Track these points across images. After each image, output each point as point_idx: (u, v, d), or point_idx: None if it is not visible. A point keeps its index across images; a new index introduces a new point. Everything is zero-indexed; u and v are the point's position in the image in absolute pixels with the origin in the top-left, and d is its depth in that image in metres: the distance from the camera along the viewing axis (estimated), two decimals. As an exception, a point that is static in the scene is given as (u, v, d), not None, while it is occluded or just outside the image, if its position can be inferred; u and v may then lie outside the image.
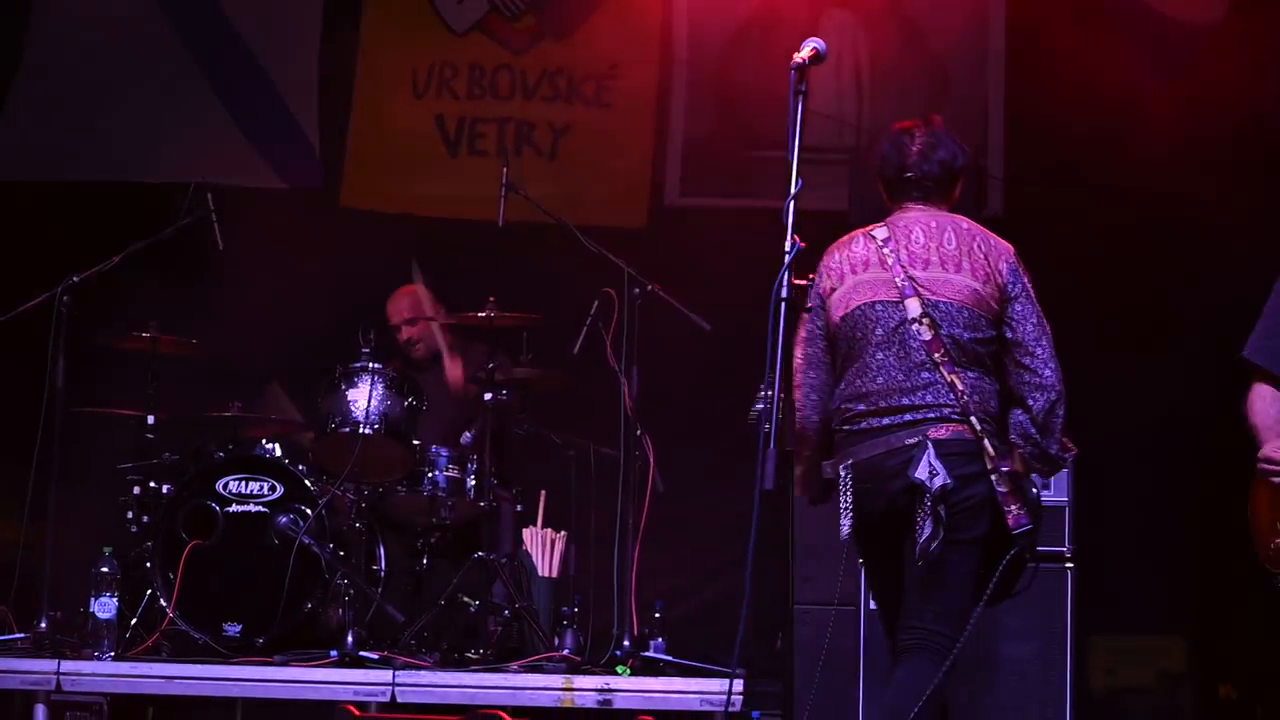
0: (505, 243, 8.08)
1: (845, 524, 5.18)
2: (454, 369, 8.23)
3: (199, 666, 6.83)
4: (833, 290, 5.33)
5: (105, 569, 7.04)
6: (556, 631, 7.44)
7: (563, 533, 7.86)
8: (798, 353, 5.35)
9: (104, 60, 9.41)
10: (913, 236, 5.27)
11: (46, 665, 6.69)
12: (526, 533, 7.83)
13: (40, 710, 6.56)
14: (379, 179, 9.46)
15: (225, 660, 7.01)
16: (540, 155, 9.45)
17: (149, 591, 7.36)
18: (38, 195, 9.22)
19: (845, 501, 5.18)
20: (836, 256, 5.38)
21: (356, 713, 6.60)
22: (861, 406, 5.20)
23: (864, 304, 5.26)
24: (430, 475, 7.73)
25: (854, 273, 5.31)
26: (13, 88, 9.40)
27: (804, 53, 4.93)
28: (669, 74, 9.54)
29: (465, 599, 7.51)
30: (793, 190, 4.81)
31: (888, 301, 5.23)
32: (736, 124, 9.37)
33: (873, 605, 6.11)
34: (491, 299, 7.72)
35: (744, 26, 9.37)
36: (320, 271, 8.59)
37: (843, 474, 5.19)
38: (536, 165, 9.29)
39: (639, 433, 7.48)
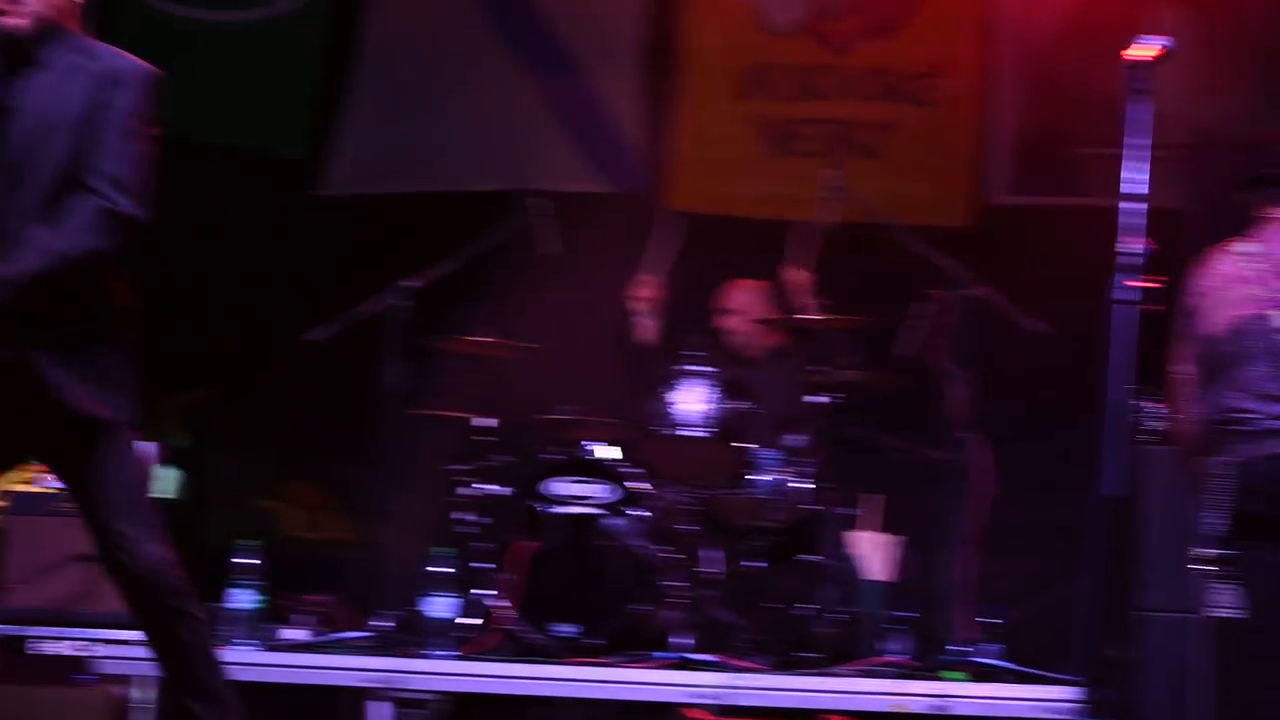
0: (829, 244, 8.01)
1: (1214, 521, 5.05)
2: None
3: (532, 666, 6.88)
4: (1200, 305, 5.24)
5: (441, 568, 7.15)
6: (887, 636, 7.37)
7: (893, 536, 7.78)
8: (1182, 364, 5.27)
9: (432, 72, 9.57)
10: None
11: (384, 663, 6.80)
12: (856, 536, 7.76)
13: (377, 707, 6.66)
14: (702, 182, 9.46)
15: (558, 661, 7.05)
16: (862, 155, 9.37)
17: (482, 591, 7.44)
18: (370, 205, 9.40)
19: (1219, 499, 5.05)
20: (1204, 270, 5.29)
21: (690, 715, 6.59)
22: (1251, 407, 5.08)
23: (1235, 318, 5.15)
24: (758, 478, 7.70)
25: (1221, 287, 5.21)
26: (346, 105, 9.59)
27: (1146, 50, 4.78)
28: (994, 71, 9.39)
29: (795, 602, 7.47)
30: (1134, 189, 4.68)
31: (1257, 315, 5.12)
32: (1064, 121, 9.17)
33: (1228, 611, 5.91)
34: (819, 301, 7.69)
35: (1070, 22, 9.17)
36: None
37: (1223, 471, 5.06)
38: (859, 165, 9.19)
39: (969, 435, 7.37)
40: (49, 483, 7.11)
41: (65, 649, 7.25)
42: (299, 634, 7.45)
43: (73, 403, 4.56)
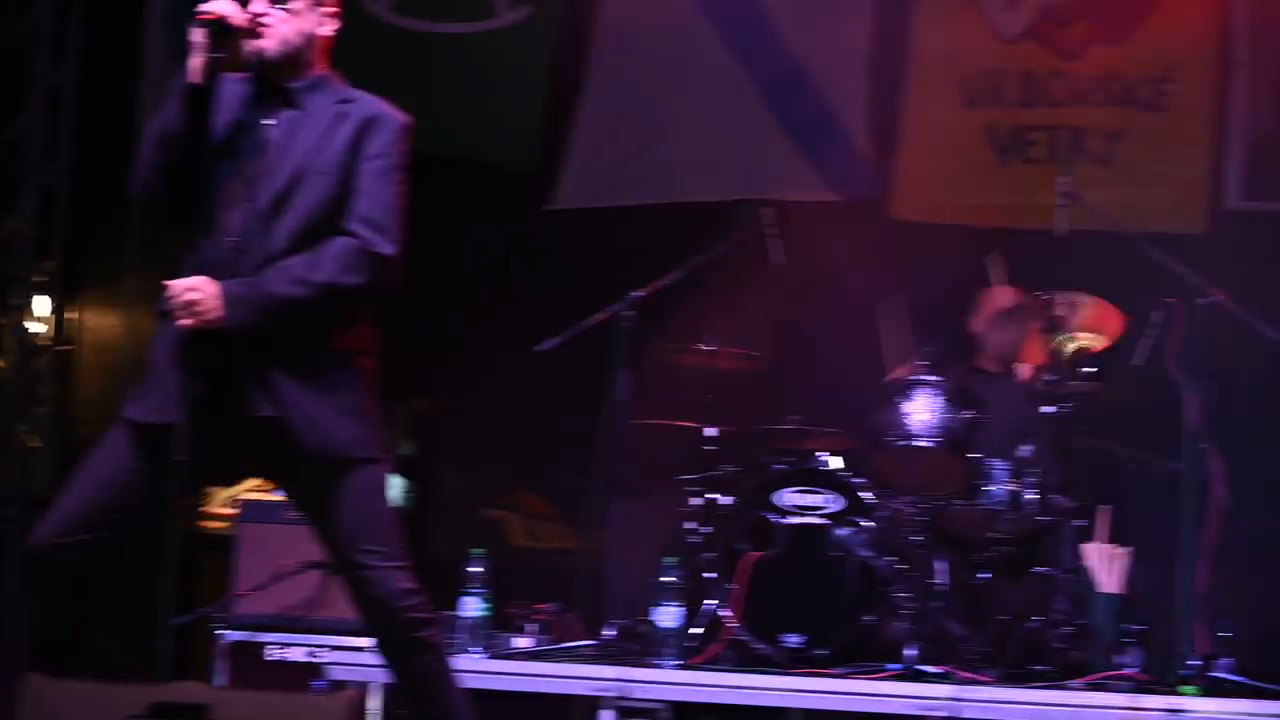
0: (1060, 252, 7.90)
1: None
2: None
3: (760, 676, 6.88)
4: None
5: (669, 578, 7.17)
6: (1119, 649, 7.25)
7: (1124, 548, 7.65)
8: None
9: (660, 84, 9.60)
10: None
11: (612, 672, 6.83)
12: (1087, 548, 7.64)
13: (606, 716, 6.70)
14: (930, 190, 9.38)
15: (785, 671, 7.04)
16: (1094, 162, 9.22)
17: (710, 601, 7.45)
18: (599, 215, 9.47)
19: None
20: None
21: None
22: None
23: None
24: (989, 489, 7.62)
25: None
26: (576, 119, 9.67)
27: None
28: (1229, 75, 9.20)
29: (1025, 614, 7.38)
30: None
31: None
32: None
33: None
34: (1037, 296, 7.61)
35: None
36: (874, 284, 8.58)
37: None
38: (1090, 172, 9.04)
39: (1204, 446, 7.23)
40: (279, 490, 7.26)
41: (298, 655, 7.39)
42: (527, 642, 7.52)
43: (318, 441, 4.62)
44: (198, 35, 4.56)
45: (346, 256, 4.60)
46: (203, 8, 4.58)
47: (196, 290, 4.50)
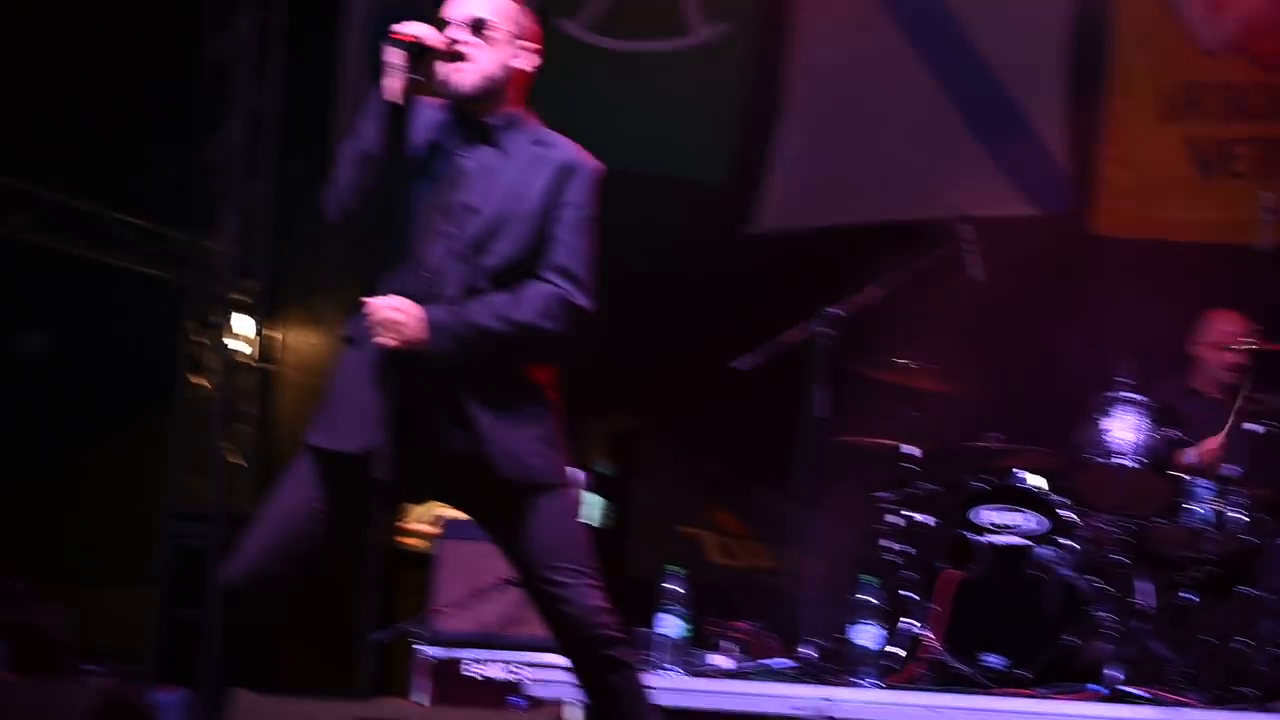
0: (1263, 268, 7.73)
1: None
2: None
3: (961, 696, 6.80)
4: None
5: (868, 597, 7.12)
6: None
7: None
8: None
9: (857, 103, 9.56)
10: None
11: (811, 691, 6.79)
12: (1295, 568, 7.46)
13: (803, 735, 6.66)
14: (1131, 205, 9.23)
15: (986, 692, 6.95)
16: (1298, 176, 9.02)
17: (909, 621, 7.38)
18: (797, 233, 9.45)
19: None
20: None
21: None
22: None
23: None
24: (1193, 508, 7.47)
25: None
26: (773, 140, 9.64)
27: None
28: None
29: (1231, 636, 7.22)
30: None
31: None
32: None
33: None
34: (1258, 327, 7.45)
35: None
36: (1074, 300, 8.46)
37: None
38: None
39: None
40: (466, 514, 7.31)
41: (497, 672, 7.42)
42: (724, 661, 7.50)
43: (512, 469, 4.61)
44: (393, 56, 4.56)
45: (548, 302, 4.58)
46: (398, 28, 4.58)
47: (399, 311, 4.50)
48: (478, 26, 4.68)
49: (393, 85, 4.54)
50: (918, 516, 7.70)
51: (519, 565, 4.76)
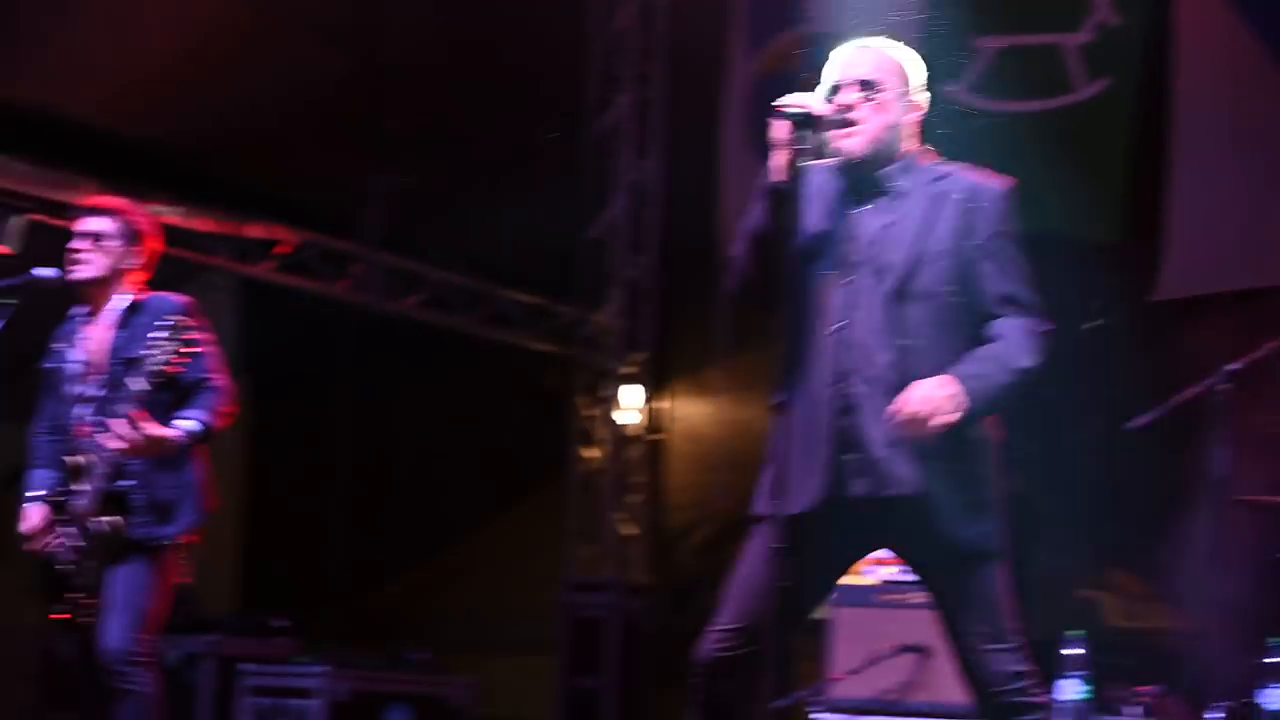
0: None
1: None
2: None
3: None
4: None
5: (1276, 659, 6.87)
6: None
7: None
8: None
9: (1249, 158, 9.27)
10: None
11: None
12: None
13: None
14: None
15: None
16: None
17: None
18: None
19: None
20: None
21: None
22: None
23: None
24: None
25: None
26: (1167, 202, 9.41)
27: None
28: None
29: None
30: None
31: None
32: None
33: None
34: None
35: None
36: None
37: None
38: None
39: None
40: (875, 574, 7.27)
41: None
42: (1129, 726, 7.32)
43: (955, 535, 4.55)
44: (780, 130, 4.54)
45: (1029, 338, 4.53)
46: (784, 101, 4.56)
47: (929, 398, 4.40)
48: (866, 87, 4.65)
49: (778, 163, 4.52)
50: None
51: (945, 623, 4.69)
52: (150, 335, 5.49)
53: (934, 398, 4.36)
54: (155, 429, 5.48)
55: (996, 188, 4.67)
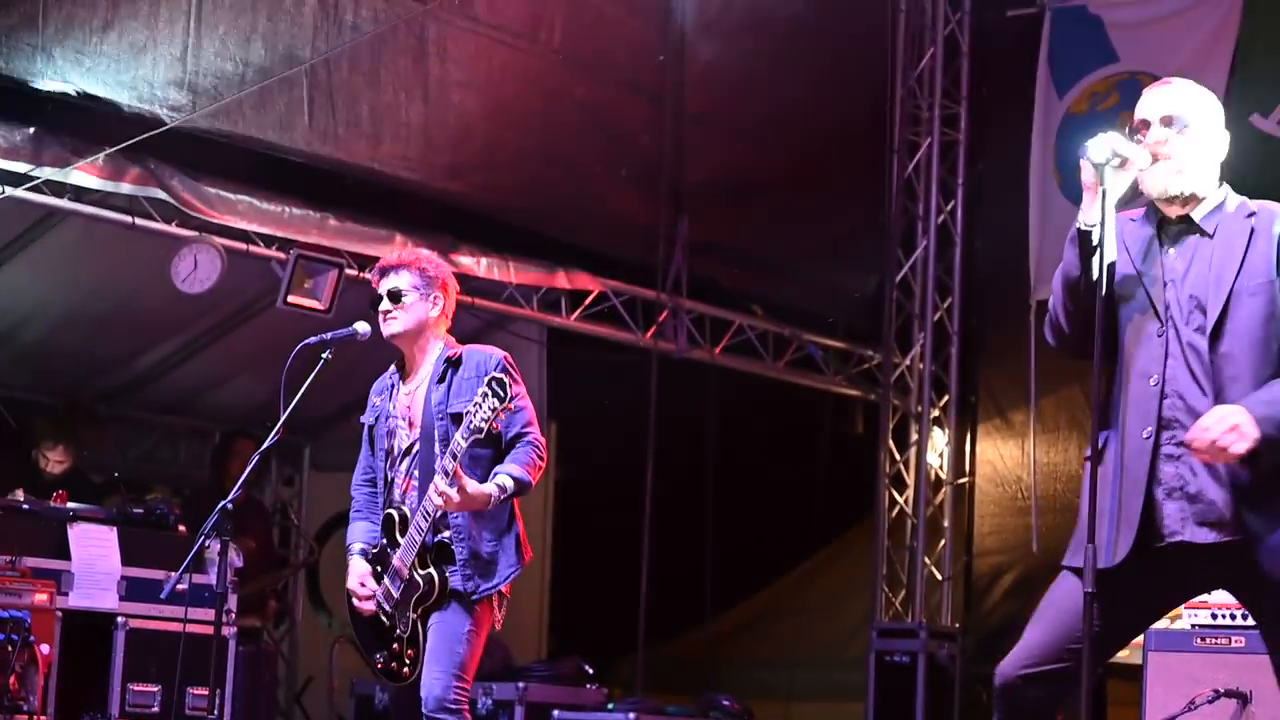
0: None
1: None
2: None
3: None
4: None
5: None
6: None
7: None
8: None
9: None
10: None
11: None
12: None
13: None
14: None
15: None
16: None
17: None
18: None
19: None
20: None
21: None
22: None
23: None
24: None
25: None
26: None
27: None
28: None
29: None
30: None
31: None
32: None
33: None
34: None
35: None
36: None
37: None
38: None
39: None
40: (1191, 618, 7.07)
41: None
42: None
43: (1271, 564, 4.40)
44: (1088, 172, 4.49)
45: None
46: (1091, 144, 4.50)
47: (1226, 421, 4.37)
48: (1172, 125, 4.56)
49: (1088, 206, 4.47)
50: None
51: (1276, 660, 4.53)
52: (472, 390, 5.59)
53: (1225, 420, 4.25)
54: (474, 486, 5.58)
55: None
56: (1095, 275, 4.43)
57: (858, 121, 10.79)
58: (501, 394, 5.47)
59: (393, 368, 6.02)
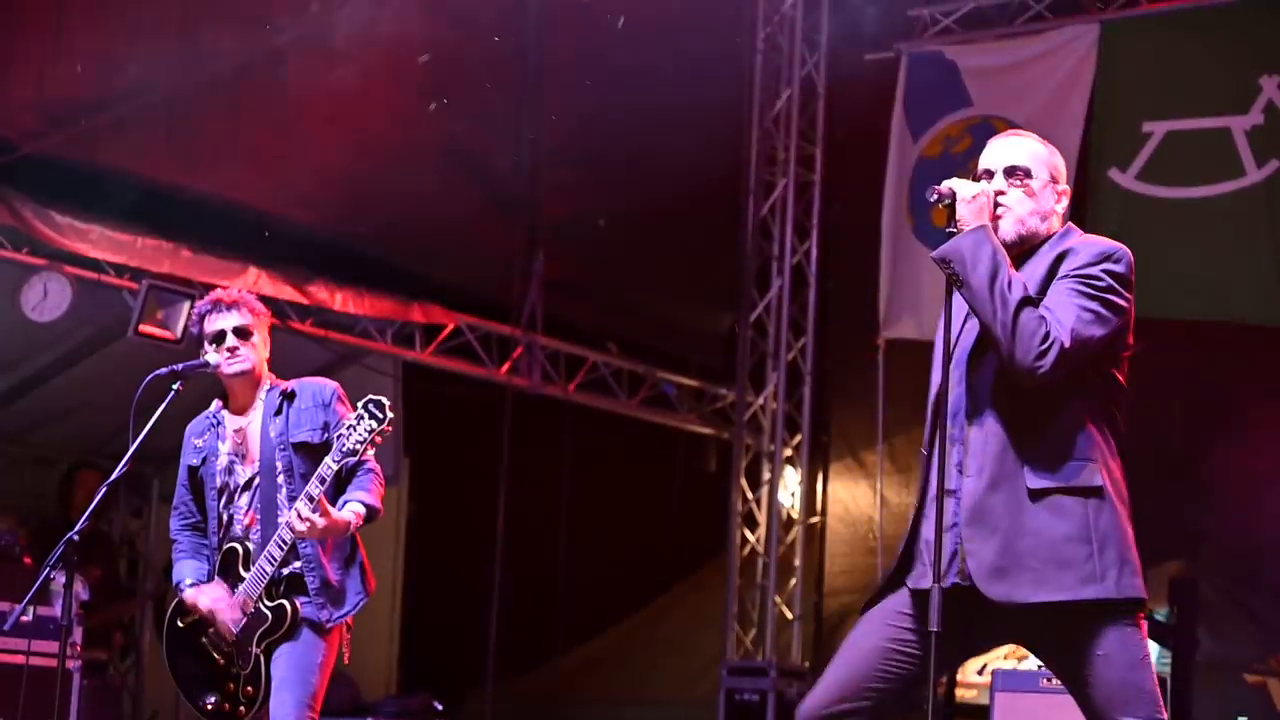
0: None
1: None
2: None
3: None
4: None
5: None
6: None
7: None
8: None
9: None
10: None
11: None
12: None
13: None
14: None
15: None
16: None
17: None
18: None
19: None
20: None
21: None
22: None
23: None
24: None
25: None
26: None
27: None
28: None
29: None
30: None
31: None
32: None
33: None
34: None
35: None
36: None
37: None
38: None
39: None
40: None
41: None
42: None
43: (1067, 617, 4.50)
44: (938, 214, 4.56)
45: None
46: (938, 188, 4.57)
47: None
48: (1015, 174, 4.65)
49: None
50: None
51: (1085, 710, 4.61)
52: (312, 420, 5.57)
53: None
54: (335, 513, 5.54)
55: (1098, 245, 4.59)
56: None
57: (715, 162, 10.86)
58: (380, 415, 5.44)
59: (214, 406, 5.95)
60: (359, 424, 5.44)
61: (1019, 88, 10.18)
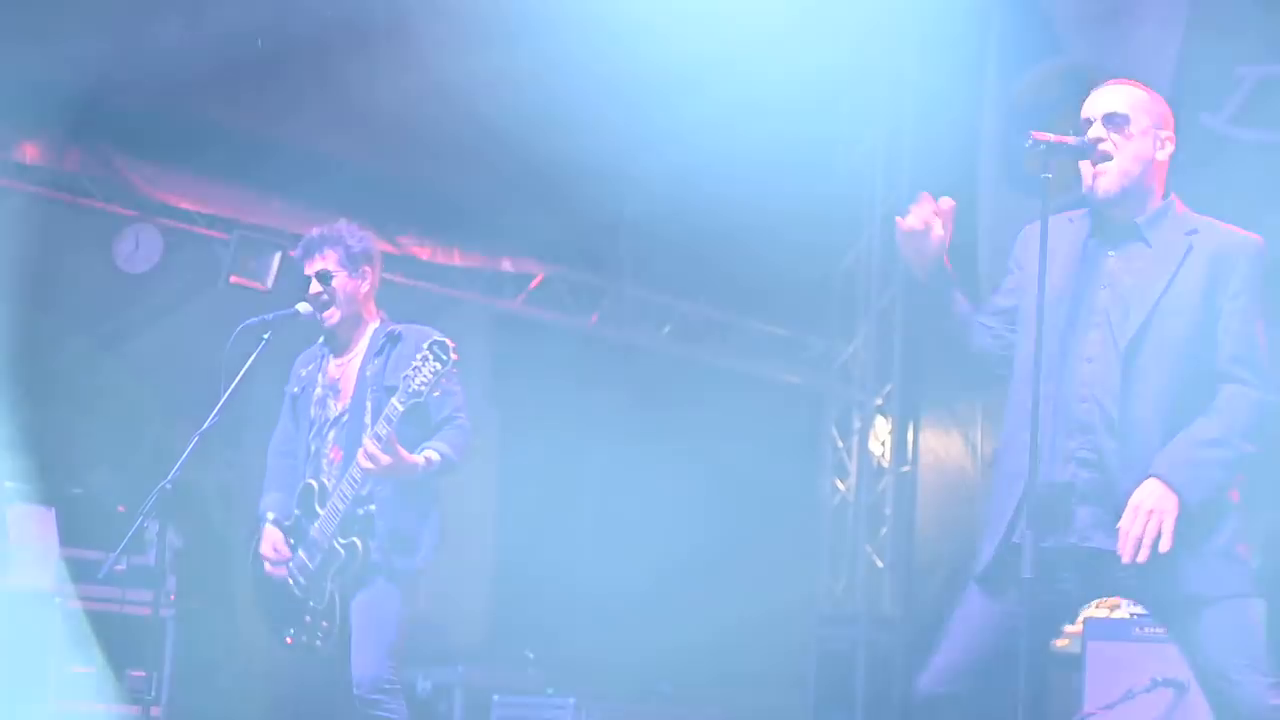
0: None
1: None
2: None
3: None
4: None
5: None
6: None
7: None
8: None
9: None
10: None
11: None
12: None
13: None
14: None
15: None
16: None
17: None
18: None
19: None
20: None
21: None
22: None
23: None
24: None
25: None
26: None
27: None
28: None
29: None
30: None
31: None
32: None
33: None
34: None
35: None
36: None
37: None
38: None
39: None
40: (1131, 606, 7.11)
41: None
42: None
43: (1178, 584, 4.43)
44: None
45: (1246, 414, 4.38)
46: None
47: (1142, 511, 4.30)
48: (1116, 122, 4.56)
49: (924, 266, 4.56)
50: None
51: (1192, 665, 4.55)
52: (412, 360, 5.56)
53: (1139, 511, 4.29)
54: (404, 452, 5.53)
55: (1249, 247, 4.51)
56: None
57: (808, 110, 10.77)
58: (444, 357, 5.43)
59: (322, 339, 5.97)
60: (424, 365, 5.43)
61: (1111, 34, 10.03)
